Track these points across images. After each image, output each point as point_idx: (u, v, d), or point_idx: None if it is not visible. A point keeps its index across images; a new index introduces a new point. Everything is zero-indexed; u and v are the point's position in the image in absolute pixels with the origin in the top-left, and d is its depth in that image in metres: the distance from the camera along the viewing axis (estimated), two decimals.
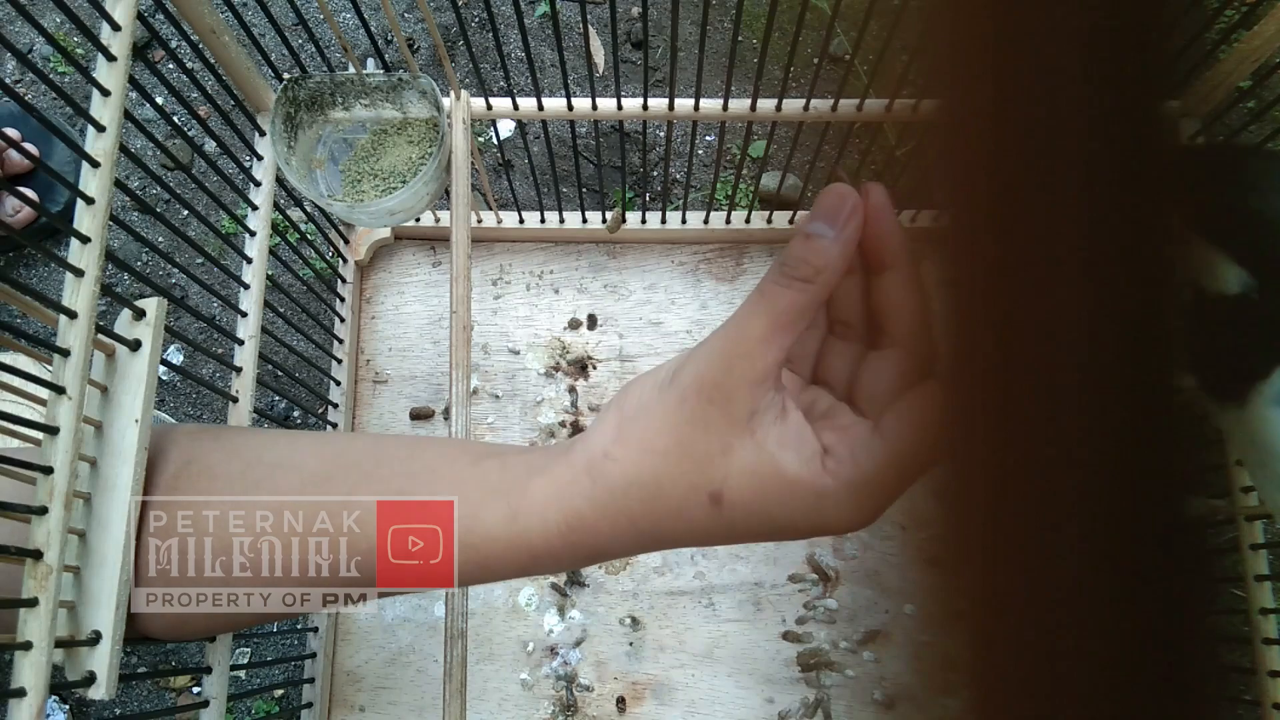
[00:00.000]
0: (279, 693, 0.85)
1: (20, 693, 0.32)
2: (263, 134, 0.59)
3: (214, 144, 0.87)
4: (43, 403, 0.36)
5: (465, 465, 0.34)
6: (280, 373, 0.80)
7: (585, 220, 0.78)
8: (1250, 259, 0.38)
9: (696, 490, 0.28)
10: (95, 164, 0.38)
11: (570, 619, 0.71)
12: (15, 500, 0.33)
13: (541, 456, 0.32)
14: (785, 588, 0.72)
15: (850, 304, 0.30)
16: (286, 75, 0.56)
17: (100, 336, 0.38)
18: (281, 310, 0.66)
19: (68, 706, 0.87)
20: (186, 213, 0.83)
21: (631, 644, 0.71)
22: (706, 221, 0.77)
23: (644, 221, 0.77)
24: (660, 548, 0.31)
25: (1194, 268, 0.39)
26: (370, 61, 1.05)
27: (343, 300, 0.77)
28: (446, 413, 0.75)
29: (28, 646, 0.33)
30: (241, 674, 0.87)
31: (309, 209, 0.73)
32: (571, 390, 0.76)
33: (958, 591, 0.16)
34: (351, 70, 0.57)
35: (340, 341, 0.76)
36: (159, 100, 0.51)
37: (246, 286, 0.55)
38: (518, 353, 0.77)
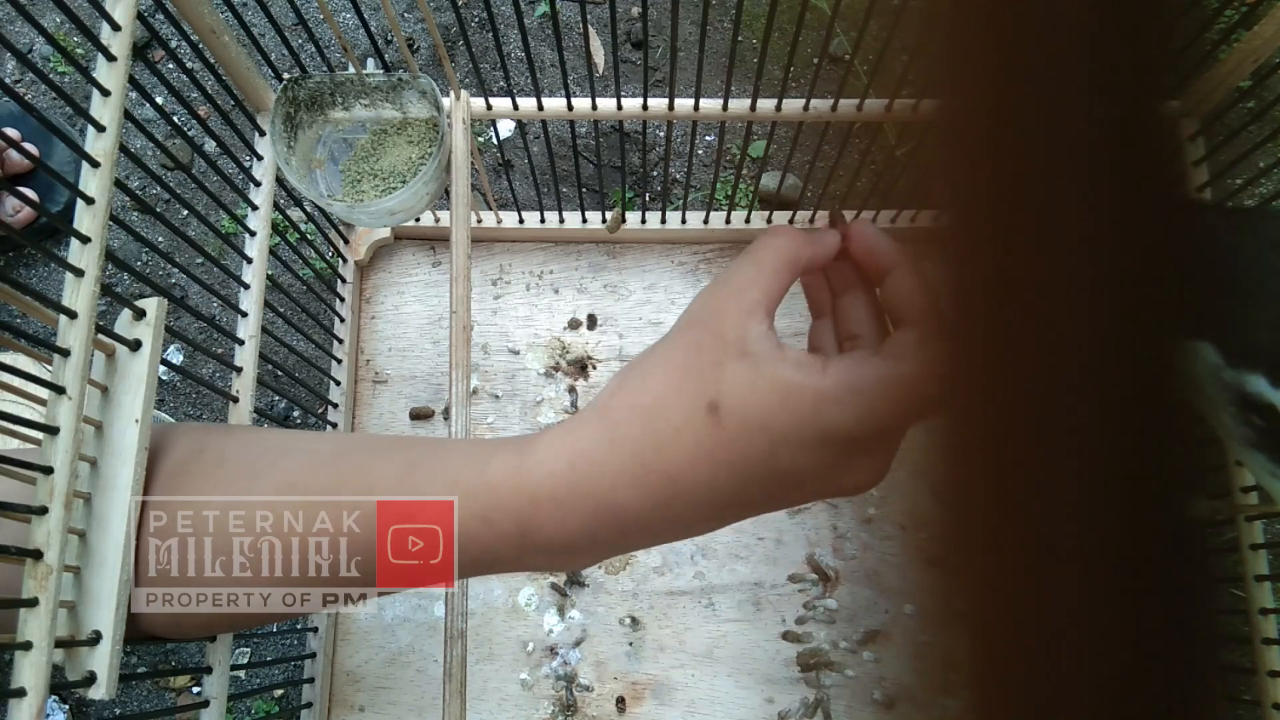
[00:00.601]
0: (279, 693, 0.85)
1: (20, 693, 0.32)
2: (263, 134, 0.59)
3: (214, 144, 0.87)
4: (43, 403, 0.36)
5: (479, 440, 0.35)
6: (280, 373, 0.80)
7: (585, 220, 0.78)
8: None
9: (695, 405, 0.29)
10: (95, 164, 0.38)
11: (570, 619, 0.71)
12: (15, 500, 0.33)
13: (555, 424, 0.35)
14: (785, 588, 0.72)
15: (857, 317, 0.32)
16: (286, 75, 0.56)
17: (100, 336, 0.38)
18: (281, 310, 0.66)
19: (68, 706, 0.87)
20: (186, 213, 0.83)
21: (631, 644, 0.71)
22: (706, 221, 0.77)
23: (644, 221, 0.77)
24: (666, 495, 0.30)
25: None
26: (370, 61, 1.05)
27: (343, 300, 0.77)
28: (446, 413, 0.75)
29: (28, 646, 0.33)
30: (241, 674, 0.87)
31: (309, 209, 0.73)
32: (571, 390, 0.76)
33: (958, 591, 0.16)
34: (351, 70, 0.57)
35: (340, 341, 0.76)
36: (159, 100, 0.51)
37: (246, 286, 0.55)
38: (518, 353, 0.77)
